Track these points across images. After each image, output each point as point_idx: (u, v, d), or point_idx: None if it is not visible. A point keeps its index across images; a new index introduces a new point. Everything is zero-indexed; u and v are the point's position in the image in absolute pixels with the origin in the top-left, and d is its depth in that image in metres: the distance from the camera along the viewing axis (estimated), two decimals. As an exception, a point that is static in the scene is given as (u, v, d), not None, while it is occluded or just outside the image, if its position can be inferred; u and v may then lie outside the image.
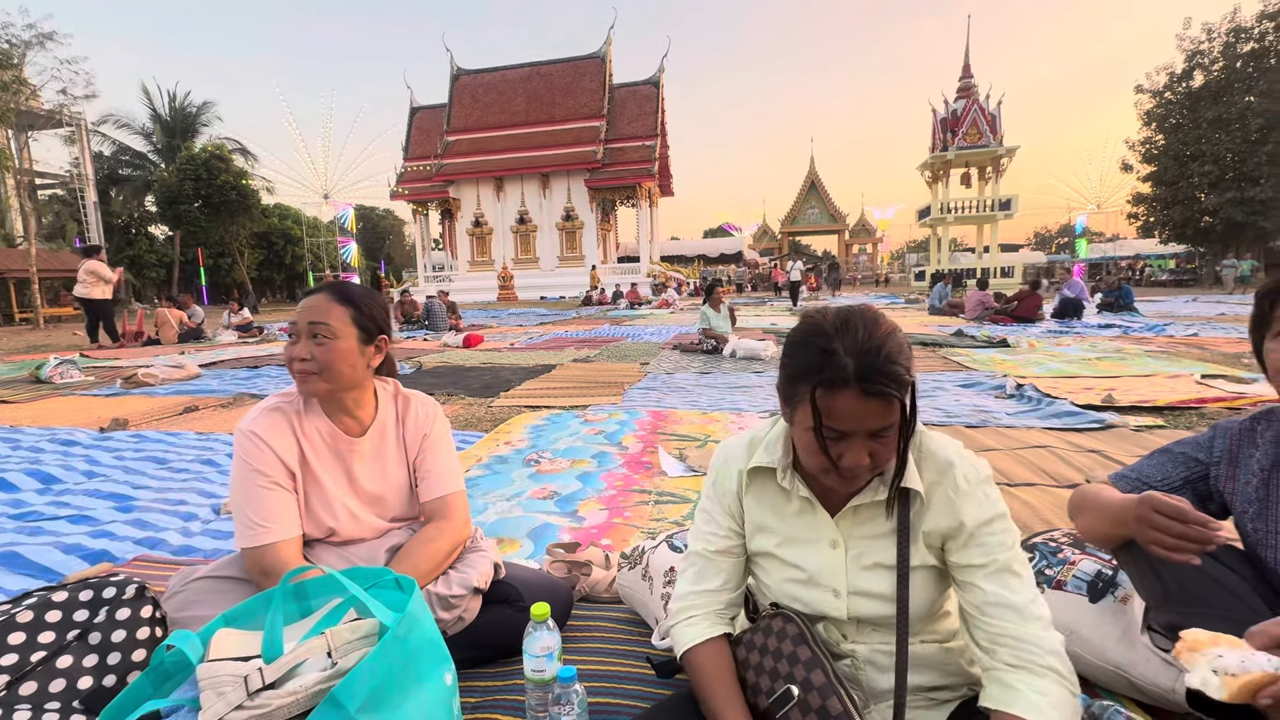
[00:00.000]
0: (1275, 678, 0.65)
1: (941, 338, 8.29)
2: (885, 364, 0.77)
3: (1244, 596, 1.06)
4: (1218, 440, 1.15)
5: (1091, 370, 5.36)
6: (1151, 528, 0.96)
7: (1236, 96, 20.61)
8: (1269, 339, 1.02)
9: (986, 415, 3.85)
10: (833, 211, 41.82)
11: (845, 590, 0.93)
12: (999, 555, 0.87)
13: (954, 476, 0.90)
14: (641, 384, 5.32)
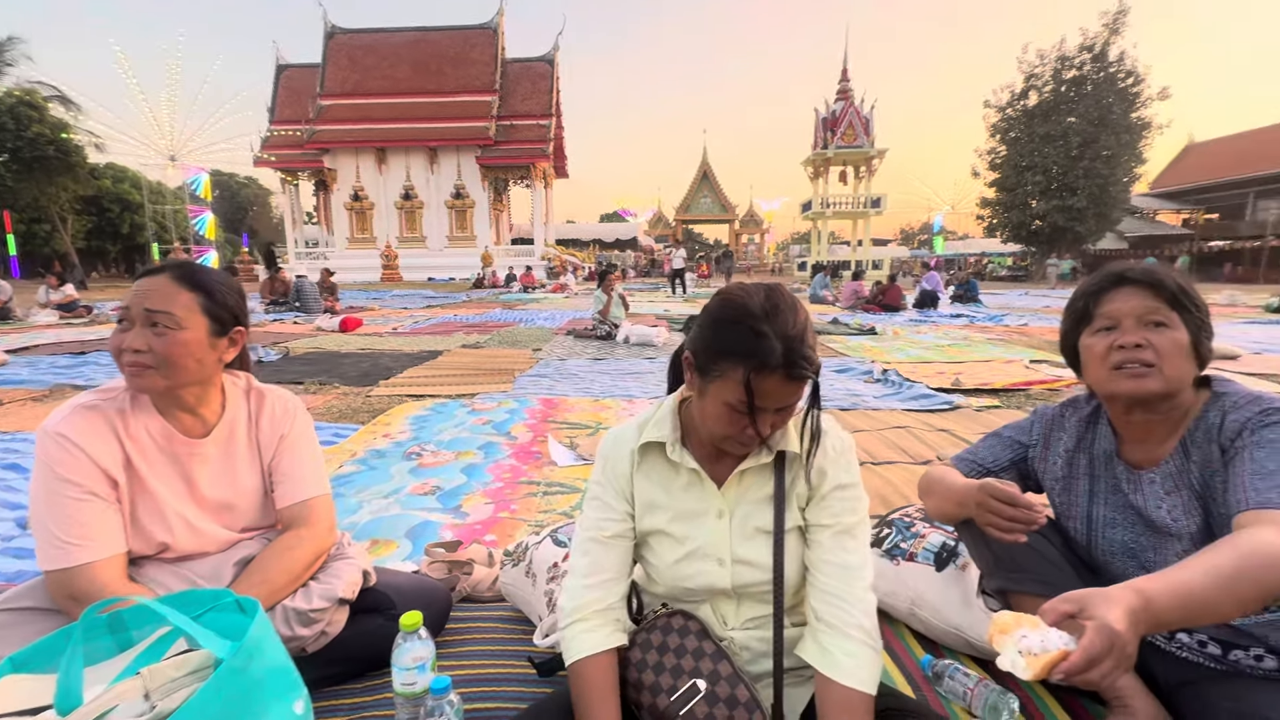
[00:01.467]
0: (1066, 654, 0.71)
1: (820, 325, 8.87)
2: (806, 349, 0.83)
3: (1056, 563, 1.21)
4: (1035, 425, 1.30)
5: (944, 356, 5.97)
6: (988, 511, 1.07)
7: (1061, 116, 23.66)
8: (1086, 335, 1.14)
9: (857, 399, 4.17)
10: (724, 202, 43.25)
11: (729, 559, 0.97)
12: (844, 518, 0.95)
13: (826, 443, 0.97)
14: (533, 371, 5.21)
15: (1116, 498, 1.16)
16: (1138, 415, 1.11)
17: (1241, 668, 1.06)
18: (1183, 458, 1.08)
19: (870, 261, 25.97)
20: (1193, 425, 1.08)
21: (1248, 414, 1.01)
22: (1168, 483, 1.09)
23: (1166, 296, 1.05)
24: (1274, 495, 0.91)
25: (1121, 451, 1.17)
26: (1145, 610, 0.75)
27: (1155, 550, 1.10)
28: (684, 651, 0.94)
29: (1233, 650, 1.07)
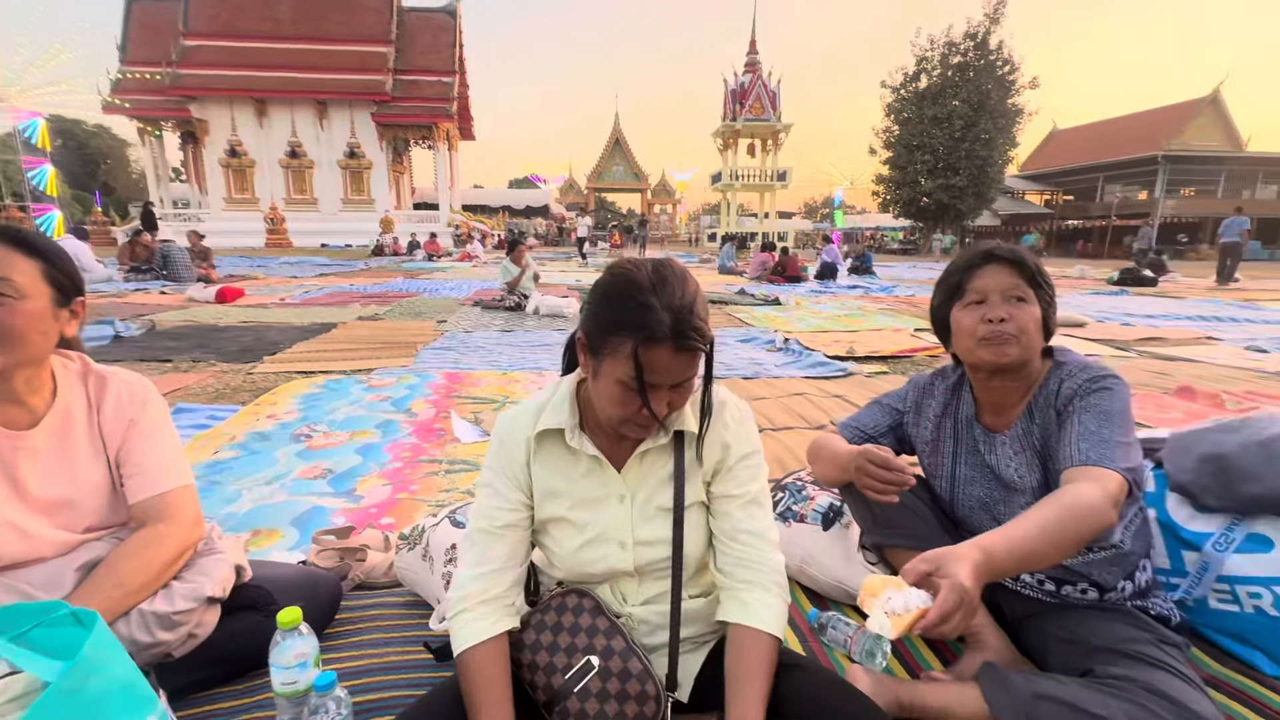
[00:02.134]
0: (925, 612, 0.80)
1: (728, 296, 9.10)
2: (696, 320, 0.82)
3: (925, 519, 1.32)
4: (910, 393, 1.40)
5: (841, 325, 6.33)
6: (866, 475, 1.15)
7: (947, 99, 25.31)
8: (957, 308, 1.23)
9: (759, 367, 4.33)
10: (636, 170, 43.05)
11: (631, 541, 0.97)
12: (750, 487, 0.98)
13: (725, 415, 0.98)
14: (437, 344, 5.00)
15: (975, 458, 1.28)
16: (996, 382, 1.23)
17: (1071, 600, 1.22)
18: (1028, 421, 1.21)
19: (776, 234, 26.89)
20: (1037, 392, 1.20)
21: (1078, 382, 1.14)
22: (1015, 444, 1.21)
23: (1027, 275, 1.17)
24: (1093, 453, 1.03)
25: (980, 417, 1.29)
26: (987, 564, 0.86)
27: (1005, 504, 1.23)
28: (578, 630, 0.94)
29: (1064, 586, 1.22)
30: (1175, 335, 5.85)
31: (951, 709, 1.10)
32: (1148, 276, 11.90)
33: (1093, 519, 0.94)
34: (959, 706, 1.09)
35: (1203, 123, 29.72)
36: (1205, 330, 6.16)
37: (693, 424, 0.96)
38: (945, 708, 1.10)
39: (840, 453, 1.26)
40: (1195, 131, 29.48)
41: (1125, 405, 1.10)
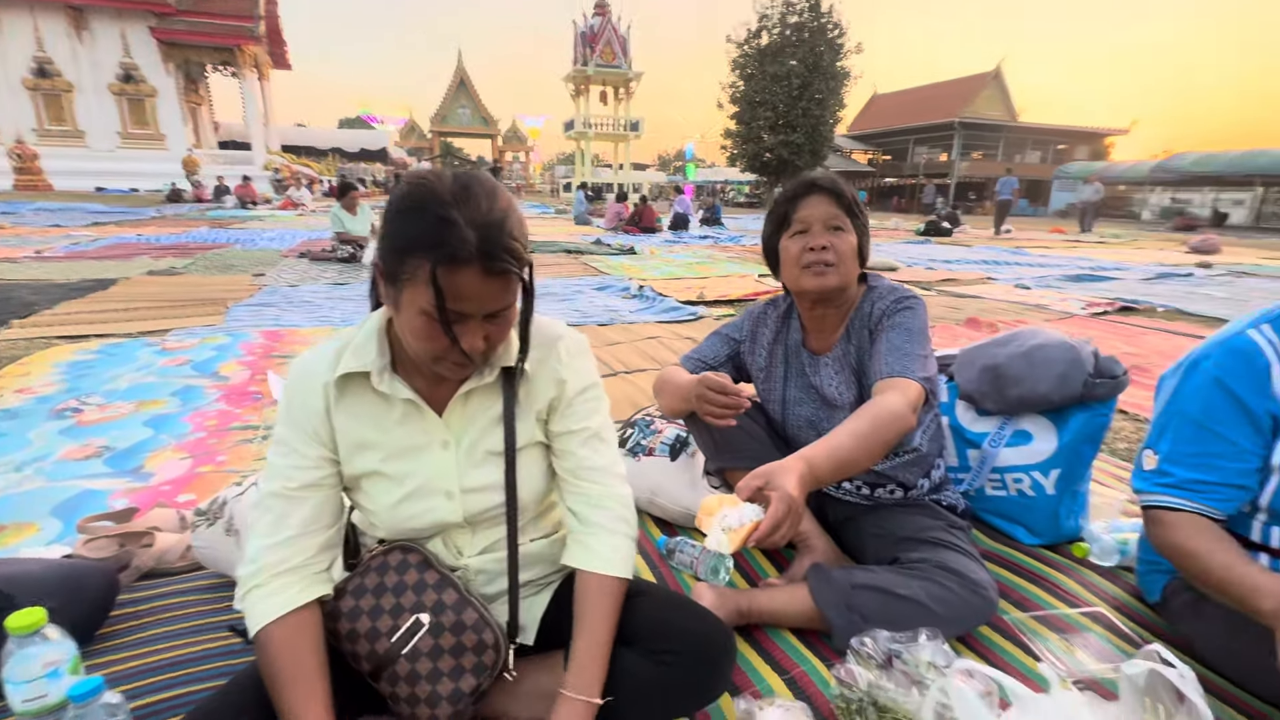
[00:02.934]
0: (758, 525, 0.84)
1: (584, 245, 9.01)
2: (508, 240, 0.72)
3: (762, 441, 1.39)
4: (745, 323, 1.45)
5: (692, 273, 6.54)
6: (705, 402, 1.16)
7: (786, 58, 26.63)
8: (785, 238, 1.27)
9: (615, 314, 4.35)
10: (485, 115, 40.51)
11: (459, 490, 0.88)
12: (590, 422, 0.93)
13: (559, 350, 0.91)
14: (254, 300, 4.38)
15: (802, 380, 1.36)
16: (819, 310, 1.30)
17: (882, 500, 1.36)
18: (846, 343, 1.30)
19: (631, 185, 27.00)
20: (853, 315, 1.29)
21: (886, 303, 1.24)
22: (836, 364, 1.31)
23: (844, 205, 1.23)
24: (897, 366, 1.14)
25: (806, 341, 1.37)
26: (810, 474, 0.92)
27: (828, 420, 1.33)
28: (403, 589, 0.85)
29: (876, 489, 1.35)
30: (964, 276, 6.82)
31: (785, 609, 1.18)
32: (945, 228, 13.70)
33: (897, 424, 1.04)
34: (791, 605, 1.18)
35: (989, 95, 34.29)
36: (986, 272, 7.25)
37: (527, 360, 0.88)
38: (780, 609, 1.19)
39: (682, 384, 1.27)
40: (983, 102, 33.97)
41: (924, 323, 1.22)
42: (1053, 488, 1.47)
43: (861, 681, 0.94)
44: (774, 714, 0.92)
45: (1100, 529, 1.49)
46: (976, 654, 1.15)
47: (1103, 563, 1.43)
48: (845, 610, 1.11)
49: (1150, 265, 8.22)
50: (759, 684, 1.06)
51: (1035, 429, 1.50)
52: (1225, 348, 1.02)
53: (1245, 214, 23.34)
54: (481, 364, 0.83)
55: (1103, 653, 1.15)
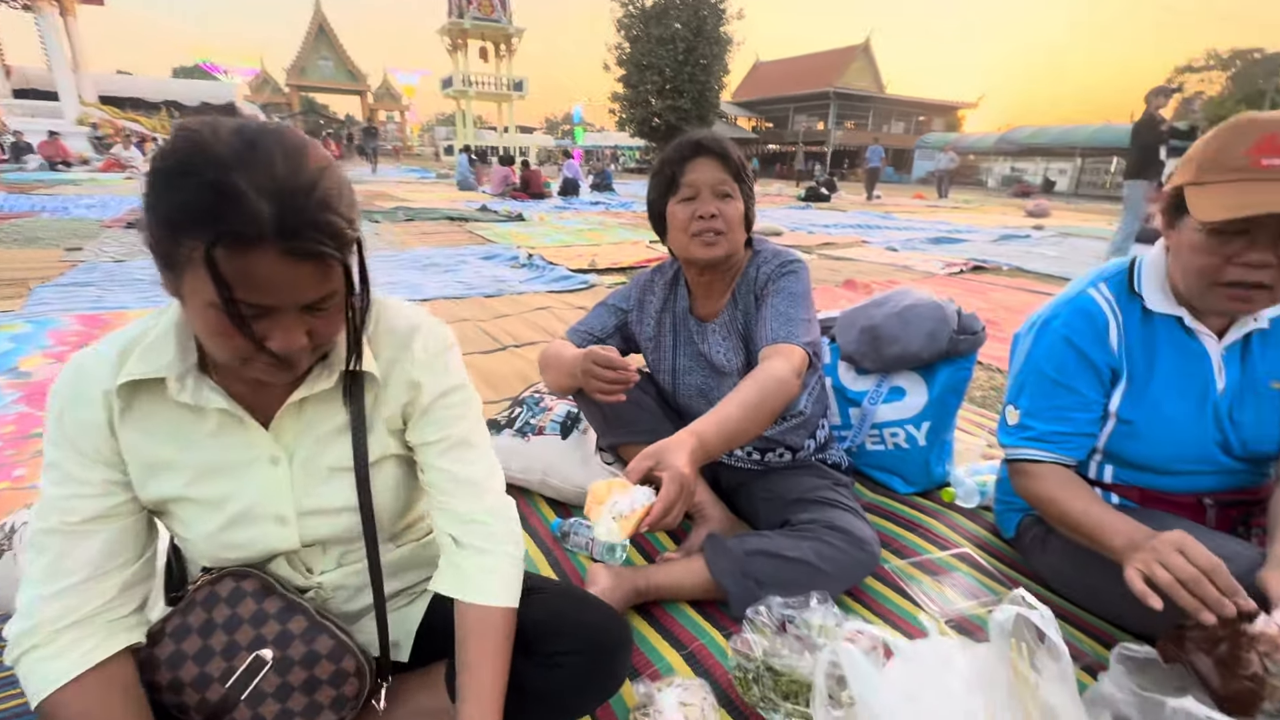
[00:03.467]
0: (650, 509, 0.80)
1: (468, 212, 8.54)
2: (320, 212, 0.56)
3: (654, 413, 1.35)
4: (632, 291, 1.39)
5: (583, 240, 6.40)
6: (591, 377, 1.09)
7: (670, 21, 26.48)
8: (673, 202, 1.21)
9: (503, 284, 4.15)
10: (351, 68, 36.97)
11: (294, 514, 0.74)
12: (453, 430, 0.80)
13: (413, 348, 0.78)
14: (66, 279, 3.73)
15: (691, 348, 1.33)
16: (707, 276, 1.27)
17: (773, 465, 1.38)
18: (733, 308, 1.28)
19: (518, 148, 25.96)
20: (740, 280, 1.27)
21: (772, 266, 1.23)
22: (723, 330, 1.29)
23: (732, 170, 1.19)
24: (781, 331, 1.13)
25: (694, 308, 1.33)
26: (701, 449, 0.88)
27: (718, 388, 1.31)
28: (238, 623, 0.71)
29: (766, 454, 1.37)
30: (842, 240, 7.23)
31: (683, 582, 1.17)
32: (824, 194, 14.45)
33: (783, 391, 1.03)
34: (688, 578, 1.16)
35: (859, 66, 36.27)
36: (861, 235, 7.72)
37: (373, 363, 0.75)
38: (677, 583, 1.17)
39: (567, 359, 1.19)
40: (854, 73, 35.89)
41: (807, 287, 1.22)
42: (924, 439, 1.56)
43: (757, 650, 0.94)
44: (672, 695, 0.90)
45: (964, 473, 1.61)
46: (863, 605, 1.20)
47: (966, 504, 1.55)
48: (740, 578, 1.11)
49: (996, 228, 9.15)
50: (658, 663, 1.04)
51: (908, 385, 1.59)
52: (1071, 307, 1.10)
53: (1068, 182, 26.68)
54: (308, 365, 0.68)
55: (970, 590, 1.25)
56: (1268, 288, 0.88)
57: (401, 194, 11.51)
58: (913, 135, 37.08)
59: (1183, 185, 0.93)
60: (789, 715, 0.91)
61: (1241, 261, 0.88)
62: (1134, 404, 1.06)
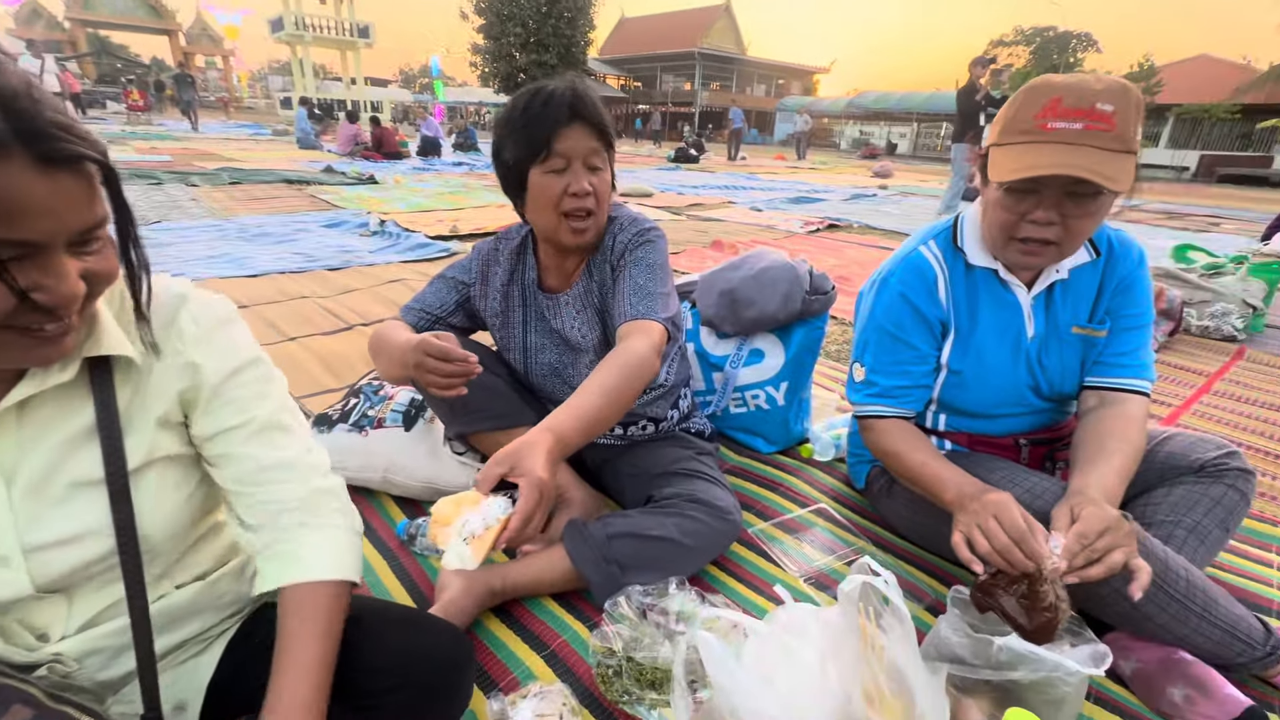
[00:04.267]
0: (507, 521, 0.73)
1: (310, 174, 7.65)
2: (52, 112, 0.45)
3: (506, 396, 1.23)
4: (474, 262, 1.25)
5: (444, 204, 5.96)
6: (426, 371, 0.96)
7: (530, -32, 25.10)
8: (540, 170, 1.05)
9: (350, 255, 3.74)
10: (153, 2, 31.34)
11: (19, 550, 0.57)
12: (258, 411, 0.67)
13: (179, 322, 0.63)
14: None
15: (543, 324, 1.23)
16: (568, 254, 1.17)
17: (637, 439, 1.32)
18: (588, 279, 1.18)
19: (368, 103, 23.67)
20: (594, 251, 1.18)
21: (628, 235, 1.14)
22: (577, 303, 1.19)
23: (606, 138, 1.08)
24: (641, 307, 1.07)
25: (543, 280, 1.22)
26: (560, 445, 0.82)
27: (572, 366, 1.22)
28: None
29: (629, 428, 1.31)
30: (710, 201, 7.36)
31: (543, 577, 1.09)
32: (693, 155, 14.65)
33: (643, 371, 0.98)
34: (549, 571, 1.09)
35: (722, 26, 36.82)
36: (727, 196, 7.91)
37: (127, 345, 0.59)
38: (537, 578, 1.09)
39: (399, 345, 1.03)
40: (717, 34, 36.42)
41: (664, 257, 1.16)
42: (783, 398, 1.59)
43: (617, 643, 0.89)
44: (527, 708, 0.82)
45: (821, 429, 1.67)
46: (727, 572, 1.19)
47: (823, 459, 1.61)
48: (602, 564, 1.05)
49: (847, 188, 9.79)
50: (516, 669, 0.96)
51: (766, 346, 1.60)
52: (904, 264, 1.13)
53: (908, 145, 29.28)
54: (77, 325, 0.52)
55: (827, 545, 1.29)
56: (1054, 244, 0.95)
57: (229, 153, 10.07)
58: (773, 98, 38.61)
59: (990, 146, 0.98)
60: (653, 705, 0.87)
61: (1031, 219, 0.93)
62: (961, 355, 1.12)
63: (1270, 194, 13.22)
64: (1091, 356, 1.10)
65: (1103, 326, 1.09)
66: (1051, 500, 0.95)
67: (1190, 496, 1.05)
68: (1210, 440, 1.10)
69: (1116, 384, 1.07)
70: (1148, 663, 0.95)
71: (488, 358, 1.25)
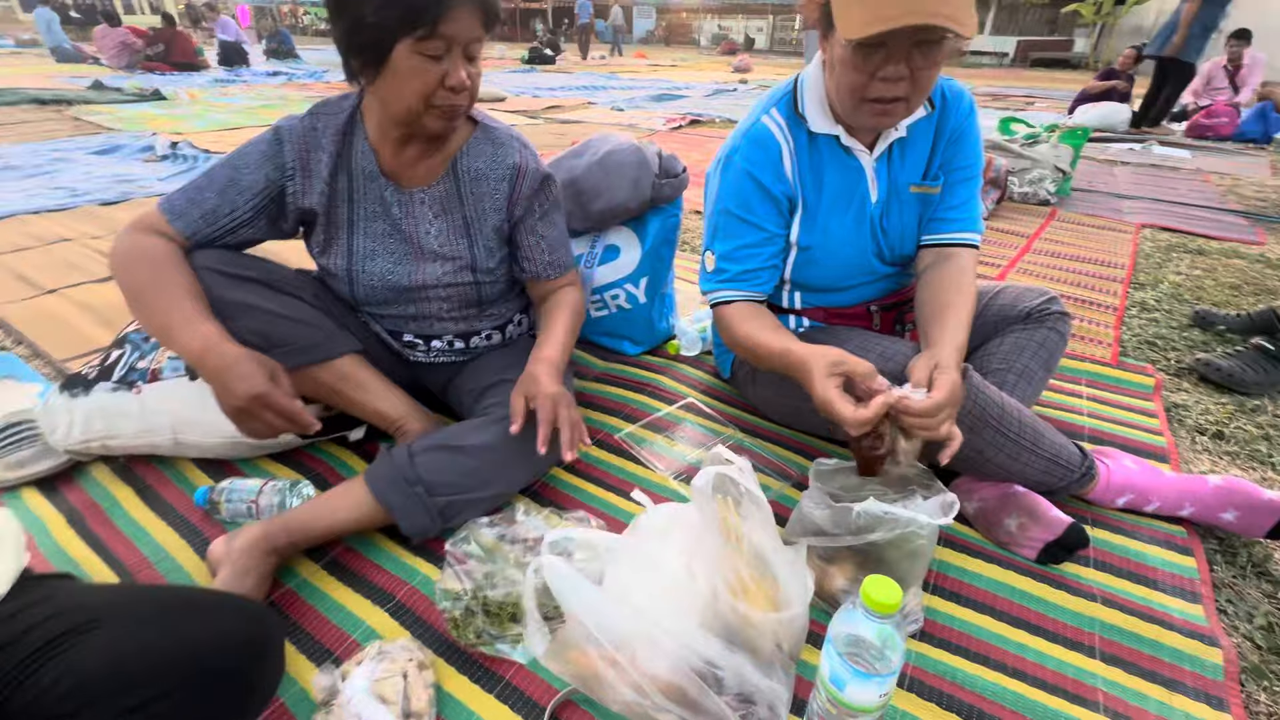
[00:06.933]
0: None
1: (75, 92, 6.20)
2: None
3: (314, 323, 1.02)
4: (287, 148, 0.97)
5: (256, 120, 5.07)
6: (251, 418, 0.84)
7: None
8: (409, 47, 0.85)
9: (130, 185, 3.08)
10: None
11: None
12: None
13: None
14: None
15: (381, 224, 1.03)
16: (417, 142, 0.99)
17: (481, 351, 1.18)
18: (453, 182, 1.02)
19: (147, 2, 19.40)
20: (462, 159, 1.03)
21: (533, 183, 1.06)
22: (437, 205, 1.02)
23: (491, 24, 0.90)
24: (565, 258, 1.14)
25: (384, 168, 1.01)
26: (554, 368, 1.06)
27: (416, 274, 1.05)
28: None
29: (472, 339, 1.15)
30: (569, 103, 6.89)
31: (338, 515, 0.91)
32: (549, 55, 13.60)
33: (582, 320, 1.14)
34: (346, 508, 0.91)
35: (564, -93, 33.44)
36: (587, 97, 7.45)
37: None
38: (333, 518, 0.91)
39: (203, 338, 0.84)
40: (561, -85, 33.06)
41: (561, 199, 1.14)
42: (644, 295, 1.49)
43: (466, 583, 0.78)
44: (362, 675, 0.71)
45: (686, 323, 1.61)
46: (593, 480, 1.12)
47: (690, 353, 1.56)
48: (404, 486, 0.90)
49: (709, 84, 9.58)
50: (355, 631, 0.83)
51: (621, 241, 1.47)
52: (747, 138, 1.04)
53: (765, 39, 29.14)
54: None
55: (697, 439, 1.24)
56: (904, 100, 0.89)
57: (-51, 70, 7.89)
58: (629, -10, 36.39)
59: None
60: (516, 641, 0.79)
61: (882, 76, 0.86)
62: (809, 230, 1.06)
63: (1074, 75, 14.69)
64: (927, 214, 1.08)
65: (937, 182, 1.07)
66: (903, 362, 0.95)
67: (1019, 343, 1.10)
68: (1034, 289, 1.16)
69: (950, 239, 1.07)
70: (987, 500, 1.01)
71: (285, 276, 1.03)
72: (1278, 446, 1.28)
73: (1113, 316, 1.87)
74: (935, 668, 0.80)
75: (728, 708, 0.64)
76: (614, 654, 0.63)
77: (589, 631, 0.63)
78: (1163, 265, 2.34)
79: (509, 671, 0.78)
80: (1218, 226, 2.85)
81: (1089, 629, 0.85)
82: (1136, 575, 0.94)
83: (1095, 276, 2.20)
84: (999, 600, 0.90)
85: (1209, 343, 1.72)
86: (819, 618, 0.82)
